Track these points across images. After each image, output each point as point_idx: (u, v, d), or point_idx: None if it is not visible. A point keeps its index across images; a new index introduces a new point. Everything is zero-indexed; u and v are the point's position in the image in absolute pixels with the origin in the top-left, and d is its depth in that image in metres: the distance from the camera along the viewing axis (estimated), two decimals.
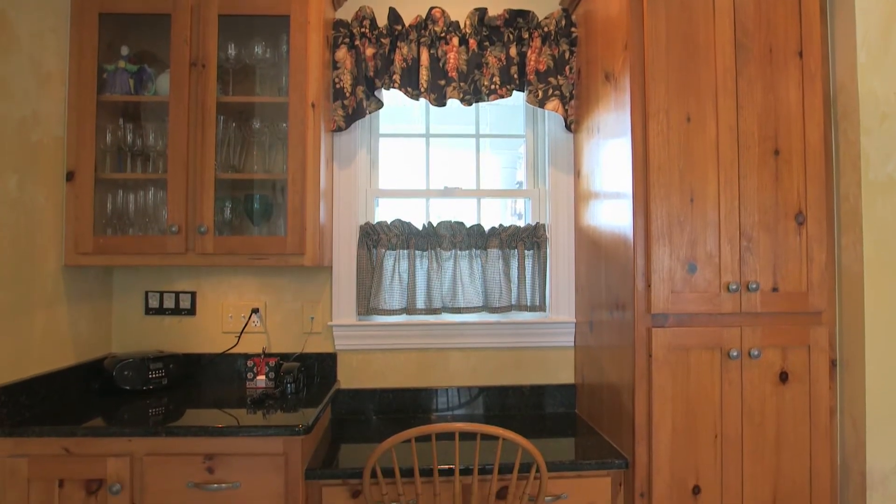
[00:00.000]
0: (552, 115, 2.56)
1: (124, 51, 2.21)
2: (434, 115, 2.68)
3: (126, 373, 2.19)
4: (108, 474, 1.76)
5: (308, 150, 2.12)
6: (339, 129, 2.40)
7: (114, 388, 2.18)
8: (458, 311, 2.48)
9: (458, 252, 2.47)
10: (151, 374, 2.24)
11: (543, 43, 2.44)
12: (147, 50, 2.34)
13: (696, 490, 1.87)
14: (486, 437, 2.07)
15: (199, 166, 2.10)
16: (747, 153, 1.91)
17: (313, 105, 2.15)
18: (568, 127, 2.49)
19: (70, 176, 2.09)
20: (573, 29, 2.45)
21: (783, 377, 1.90)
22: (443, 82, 2.40)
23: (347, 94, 2.39)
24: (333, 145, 2.49)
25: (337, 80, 2.39)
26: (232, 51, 2.25)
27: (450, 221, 2.47)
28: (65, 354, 2.11)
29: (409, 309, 2.44)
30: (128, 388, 2.19)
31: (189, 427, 1.79)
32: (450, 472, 1.85)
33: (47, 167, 2.01)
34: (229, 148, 2.30)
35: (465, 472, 1.86)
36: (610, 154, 2.10)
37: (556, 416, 2.46)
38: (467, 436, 2.13)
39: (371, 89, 2.42)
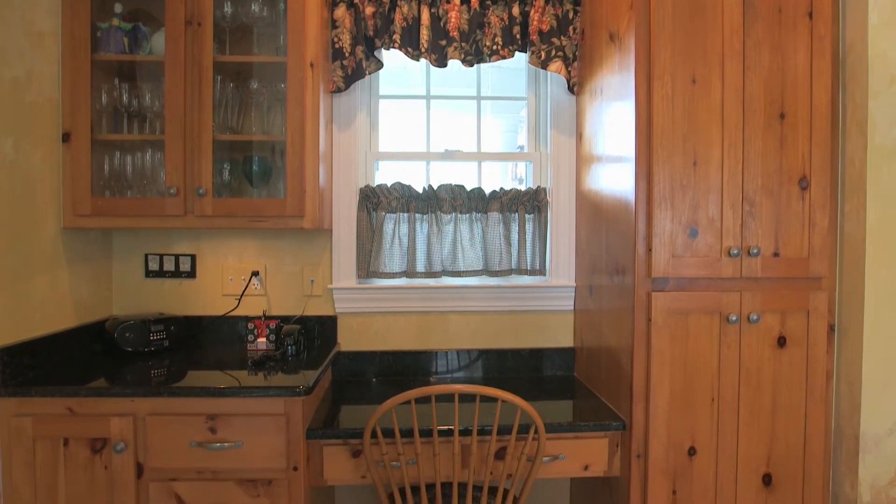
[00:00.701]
0: (555, 77, 2.52)
1: (118, 8, 2.15)
2: (434, 77, 2.64)
3: (127, 335, 2.21)
4: (111, 433, 1.78)
5: (307, 111, 2.09)
6: (339, 90, 2.36)
7: (115, 349, 2.20)
8: (459, 274, 2.48)
9: (459, 215, 2.46)
10: (153, 335, 2.26)
11: (547, 2, 2.38)
12: (141, 8, 2.29)
13: (692, 451, 1.90)
14: (485, 398, 2.09)
15: (197, 127, 2.07)
16: (752, 116, 1.88)
17: (312, 65, 2.11)
18: (570, 89, 2.45)
19: (66, 137, 2.06)
20: None
21: (781, 342, 1.91)
22: (444, 42, 2.36)
23: (346, 55, 2.34)
24: (333, 107, 2.45)
25: (336, 39, 2.34)
26: (228, 8, 2.20)
27: (450, 185, 2.45)
28: (66, 316, 2.11)
29: (410, 272, 2.44)
30: (129, 349, 2.21)
31: (191, 388, 1.80)
32: (449, 432, 1.87)
33: (43, 128, 1.98)
34: (227, 109, 2.27)
35: (465, 432, 1.88)
36: (613, 117, 2.07)
37: (555, 379, 2.48)
38: (467, 397, 2.16)
39: (371, 49, 2.38)
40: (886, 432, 1.89)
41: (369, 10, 2.34)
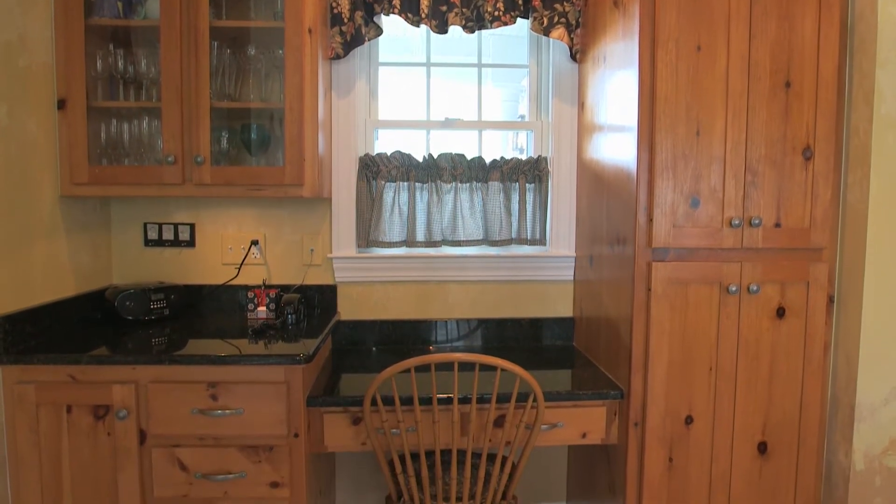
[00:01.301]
0: (557, 44, 2.48)
1: None
2: (435, 46, 2.59)
3: (128, 303, 2.21)
4: (114, 400, 1.80)
5: (305, 78, 2.06)
6: (338, 57, 2.32)
7: (116, 318, 2.20)
8: (458, 244, 2.47)
9: (459, 184, 2.45)
10: (153, 304, 2.26)
11: None
12: None
13: (689, 420, 1.92)
14: (484, 367, 2.11)
15: (194, 94, 2.04)
16: (758, 85, 1.85)
17: (310, 31, 2.07)
18: (573, 56, 2.41)
19: (61, 104, 2.03)
20: None
21: (780, 312, 1.92)
22: (444, 8, 2.31)
23: (345, 20, 2.30)
24: (332, 74, 2.42)
25: (334, 4, 2.29)
26: None
27: (450, 154, 2.43)
28: (66, 285, 2.11)
29: (409, 241, 2.44)
30: (130, 318, 2.21)
31: (192, 356, 1.81)
32: (448, 400, 1.89)
33: (37, 95, 1.95)
34: (224, 76, 2.23)
35: (464, 401, 1.90)
36: (616, 85, 2.04)
37: (554, 349, 2.50)
38: (466, 366, 2.17)
39: (370, 15, 2.33)
40: (882, 402, 1.91)
41: None
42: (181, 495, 1.84)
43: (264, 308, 2.40)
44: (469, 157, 2.44)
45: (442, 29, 2.32)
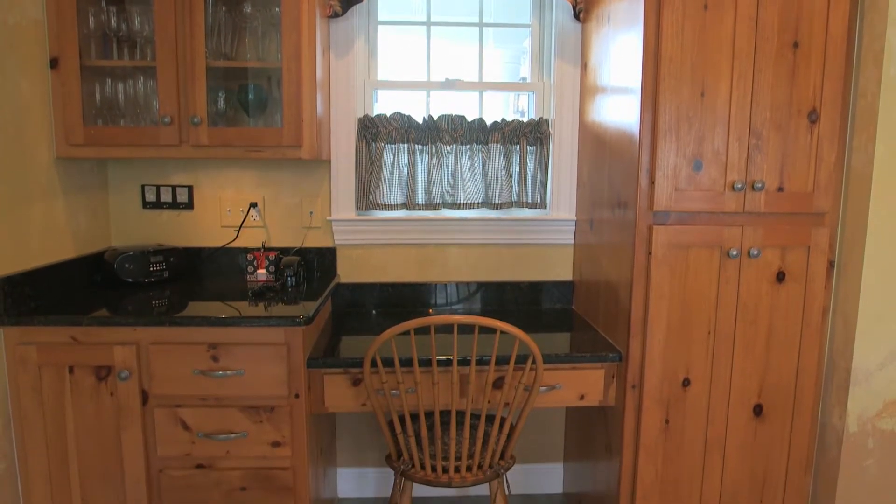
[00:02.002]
0: (560, 3, 2.42)
1: None
2: (435, 4, 2.53)
3: (127, 265, 2.21)
4: (115, 362, 1.81)
5: (303, 37, 2.01)
6: (336, 15, 2.27)
7: (115, 280, 2.20)
8: (458, 206, 2.46)
9: (459, 147, 2.42)
10: (152, 266, 2.26)
11: None
12: None
13: (686, 382, 1.93)
14: (484, 329, 2.12)
15: (189, 53, 2.00)
16: (765, 45, 1.81)
17: None
18: (576, 16, 2.35)
19: (54, 63, 1.99)
20: None
21: (780, 277, 1.92)
22: None
23: None
24: (330, 33, 2.37)
25: None
26: None
27: (451, 115, 2.39)
28: (64, 247, 2.11)
29: (409, 204, 2.42)
30: (129, 280, 2.21)
31: (193, 317, 1.82)
32: (448, 362, 1.90)
33: (29, 54, 1.91)
34: (220, 35, 2.19)
35: (463, 362, 1.91)
36: (620, 45, 2.00)
37: (553, 312, 2.51)
38: (466, 329, 2.18)
39: None
40: (878, 366, 1.92)
41: None
42: (184, 454, 1.87)
43: (264, 270, 2.40)
44: (469, 118, 2.41)
45: None
